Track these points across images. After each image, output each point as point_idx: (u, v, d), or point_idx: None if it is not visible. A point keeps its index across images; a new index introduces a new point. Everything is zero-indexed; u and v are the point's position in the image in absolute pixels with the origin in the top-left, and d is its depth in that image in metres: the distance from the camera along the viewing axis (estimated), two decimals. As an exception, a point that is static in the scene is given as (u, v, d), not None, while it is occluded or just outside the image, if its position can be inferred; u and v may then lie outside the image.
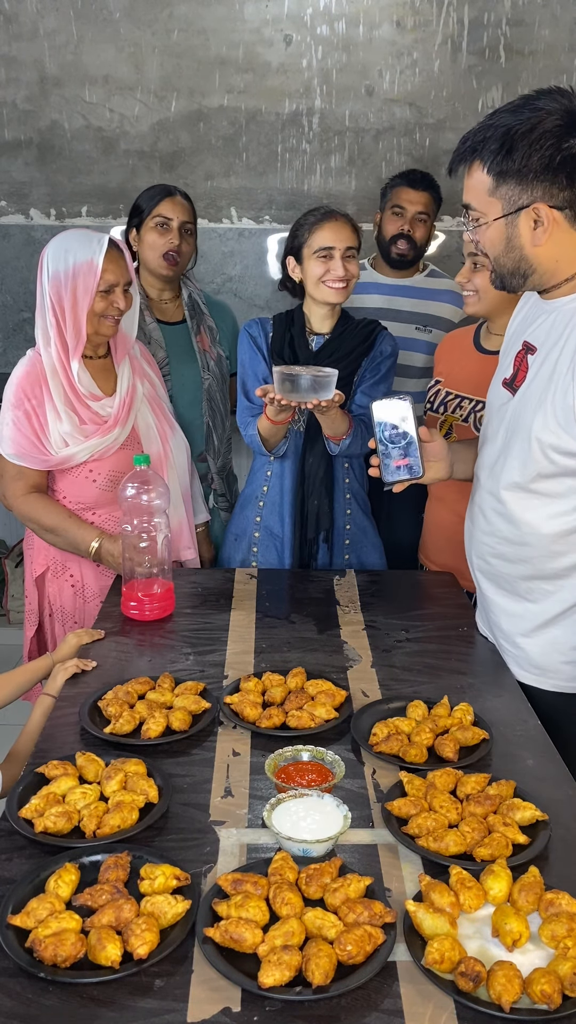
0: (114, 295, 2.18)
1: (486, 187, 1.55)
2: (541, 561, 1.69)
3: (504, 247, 1.59)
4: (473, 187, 1.57)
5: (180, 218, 2.58)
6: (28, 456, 2.21)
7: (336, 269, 2.25)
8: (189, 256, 2.66)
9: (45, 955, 1.07)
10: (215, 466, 2.73)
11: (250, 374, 2.40)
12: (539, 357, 1.66)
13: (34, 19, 3.79)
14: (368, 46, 3.79)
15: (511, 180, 1.52)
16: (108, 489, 2.27)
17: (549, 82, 3.75)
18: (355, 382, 2.36)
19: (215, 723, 1.63)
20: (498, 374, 1.84)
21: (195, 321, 2.69)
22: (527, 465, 1.64)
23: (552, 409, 1.59)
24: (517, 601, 1.77)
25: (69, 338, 2.18)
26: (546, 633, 1.73)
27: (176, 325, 2.69)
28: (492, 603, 1.85)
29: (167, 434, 2.41)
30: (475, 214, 1.59)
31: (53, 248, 2.18)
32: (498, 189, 1.54)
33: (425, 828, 1.31)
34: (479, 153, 1.54)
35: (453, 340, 2.50)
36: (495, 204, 1.55)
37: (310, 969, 1.05)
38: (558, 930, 1.11)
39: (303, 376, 2.02)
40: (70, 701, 1.69)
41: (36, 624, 2.40)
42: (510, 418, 1.72)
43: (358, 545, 2.48)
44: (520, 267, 1.60)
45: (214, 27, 3.78)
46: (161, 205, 2.58)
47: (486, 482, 1.79)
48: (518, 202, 1.53)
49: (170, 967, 1.09)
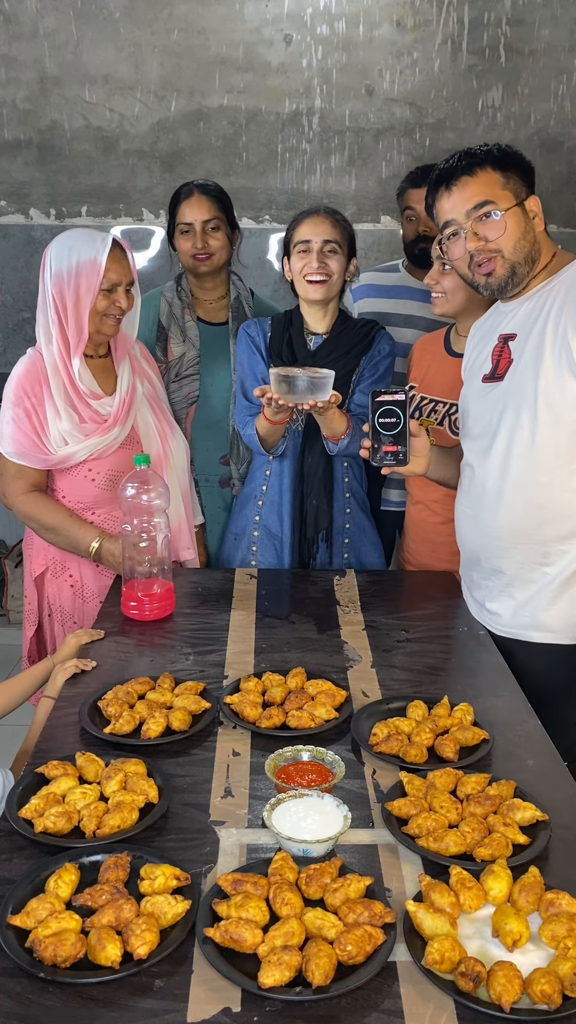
0: (116, 294, 2.18)
1: (498, 182, 1.77)
2: (556, 522, 1.79)
3: (522, 231, 1.78)
4: (486, 184, 1.77)
5: (201, 218, 2.55)
6: (28, 455, 2.21)
7: (312, 261, 2.25)
8: (223, 249, 2.61)
9: (45, 955, 1.07)
10: (237, 471, 2.70)
11: (248, 374, 2.40)
12: (520, 340, 1.82)
13: (34, 19, 3.79)
14: (368, 46, 3.79)
15: (515, 174, 1.78)
16: (107, 488, 2.27)
17: (549, 82, 3.78)
18: (353, 381, 2.36)
19: (215, 723, 1.63)
20: (472, 373, 1.96)
21: (236, 323, 2.67)
22: (537, 432, 1.76)
23: (553, 366, 1.73)
24: (533, 569, 1.84)
25: (71, 336, 2.18)
26: (566, 591, 1.82)
27: (218, 326, 2.68)
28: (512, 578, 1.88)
29: (167, 434, 2.41)
30: (491, 207, 1.76)
31: (56, 246, 2.19)
32: (508, 183, 1.77)
33: (425, 828, 1.31)
34: (483, 159, 1.77)
35: (425, 345, 2.53)
36: (507, 196, 1.77)
37: (310, 969, 1.05)
38: (558, 930, 1.11)
39: (299, 377, 2.03)
40: (70, 701, 1.69)
41: (36, 624, 2.40)
42: (506, 401, 1.82)
43: (357, 544, 2.48)
44: (532, 252, 1.79)
45: (214, 27, 3.78)
46: (181, 210, 2.57)
47: (488, 463, 1.86)
48: (521, 195, 1.78)
49: (170, 967, 1.09)
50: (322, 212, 2.30)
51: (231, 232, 2.64)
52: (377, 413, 1.87)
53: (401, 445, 1.88)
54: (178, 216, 2.58)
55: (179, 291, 2.66)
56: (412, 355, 2.58)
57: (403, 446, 1.88)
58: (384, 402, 1.87)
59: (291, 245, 2.31)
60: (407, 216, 2.91)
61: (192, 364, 2.60)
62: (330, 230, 2.27)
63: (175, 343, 2.61)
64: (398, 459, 1.89)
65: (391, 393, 1.87)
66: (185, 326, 2.60)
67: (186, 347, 2.60)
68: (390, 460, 1.89)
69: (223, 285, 2.70)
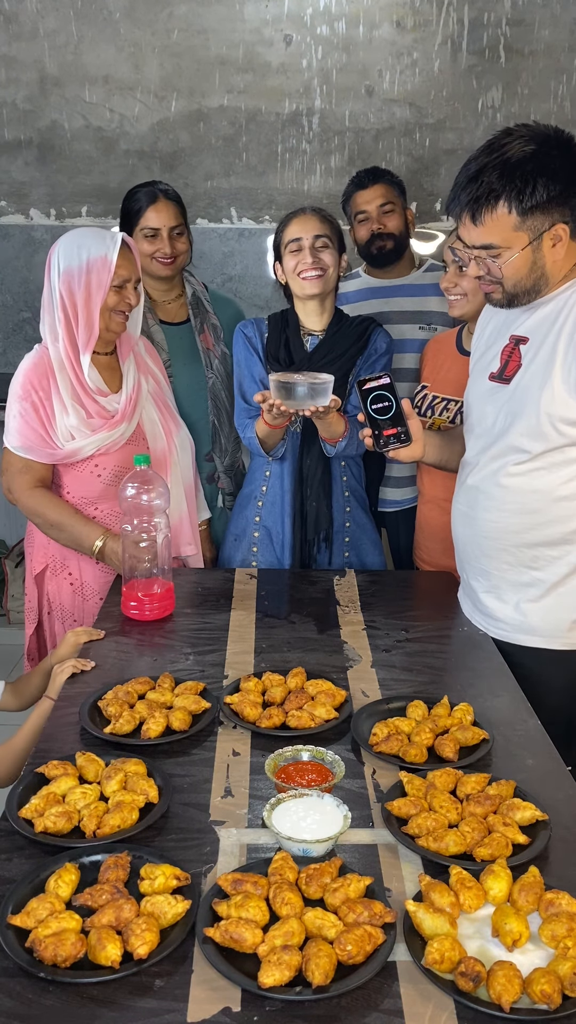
0: (126, 291, 2.20)
1: (511, 224, 1.64)
2: (547, 527, 1.79)
3: (528, 269, 1.70)
4: (496, 226, 1.65)
5: (167, 224, 2.56)
6: (35, 449, 2.22)
7: (306, 257, 2.26)
8: (185, 253, 2.64)
9: (45, 955, 1.07)
10: (222, 465, 2.72)
11: (247, 375, 2.40)
12: (532, 346, 1.78)
13: (34, 19, 3.79)
14: (368, 46, 3.79)
15: (537, 212, 1.63)
16: (112, 484, 2.28)
17: (549, 82, 3.78)
18: (351, 381, 2.36)
19: (215, 723, 1.63)
20: (479, 370, 1.94)
21: (198, 320, 2.68)
22: (536, 439, 1.75)
23: (561, 383, 1.71)
24: (522, 572, 1.84)
25: (81, 333, 2.19)
26: (552, 596, 1.82)
27: (180, 325, 2.69)
28: (500, 579, 1.89)
29: (172, 430, 2.42)
30: (497, 251, 1.67)
31: (65, 245, 2.19)
32: (525, 223, 1.64)
33: (425, 828, 1.31)
34: (500, 196, 1.62)
35: (437, 345, 2.55)
36: (521, 236, 1.65)
37: (310, 969, 1.05)
38: (558, 930, 1.11)
39: (300, 384, 2.04)
40: (70, 701, 1.69)
41: (36, 622, 2.40)
42: (509, 403, 1.81)
43: (358, 544, 2.48)
44: (538, 284, 1.73)
45: (214, 27, 3.78)
46: (146, 215, 2.56)
47: (486, 464, 1.86)
48: (541, 228, 1.65)
49: (170, 967, 1.09)
50: (308, 211, 2.32)
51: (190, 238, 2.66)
52: (368, 400, 1.91)
53: (400, 425, 1.93)
54: (142, 220, 2.57)
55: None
56: (424, 354, 2.59)
57: (402, 426, 1.93)
58: (372, 389, 1.91)
59: (282, 247, 2.32)
60: (359, 219, 2.88)
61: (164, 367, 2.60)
62: (319, 226, 2.28)
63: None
64: (401, 439, 1.93)
65: (376, 379, 1.91)
66: (151, 330, 2.61)
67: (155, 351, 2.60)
68: (394, 442, 1.93)
69: (179, 285, 2.71)
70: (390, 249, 2.86)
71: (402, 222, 2.87)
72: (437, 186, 3.90)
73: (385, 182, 2.87)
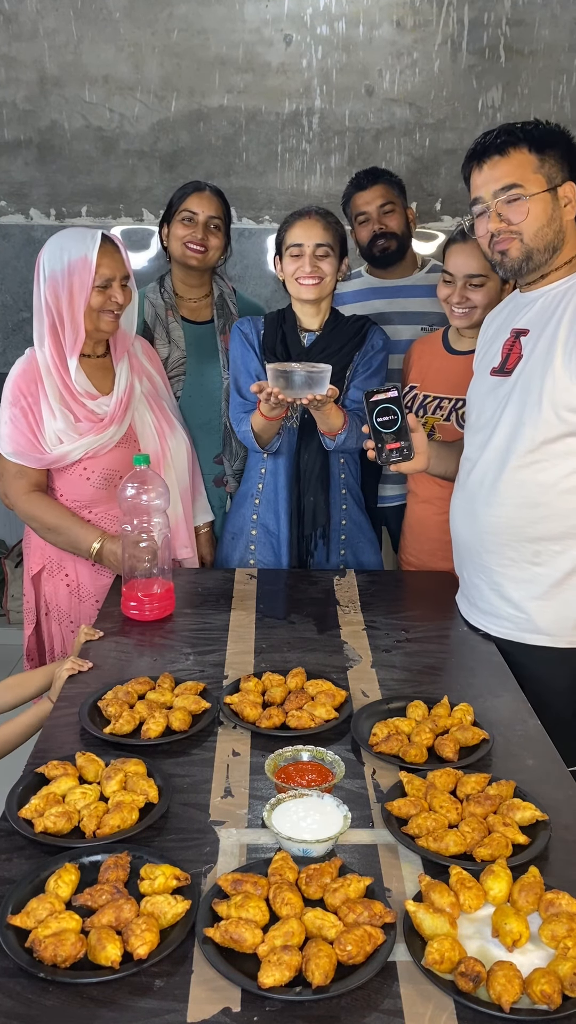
0: (112, 289, 2.18)
1: (532, 165, 1.73)
2: (550, 521, 1.79)
3: (548, 218, 1.75)
4: (518, 166, 1.74)
5: (207, 212, 2.56)
6: (25, 454, 2.22)
7: (305, 266, 2.26)
8: (218, 250, 2.62)
9: (45, 955, 1.07)
10: (231, 468, 2.71)
11: (243, 370, 2.40)
12: (532, 336, 1.82)
13: (34, 19, 3.79)
14: (368, 46, 3.79)
15: (553, 158, 1.74)
16: (102, 487, 2.27)
17: (549, 82, 3.78)
18: (348, 377, 2.36)
19: (215, 723, 1.63)
20: (482, 366, 1.96)
21: (222, 320, 2.67)
22: (539, 430, 1.76)
23: (563, 368, 1.72)
24: (524, 568, 1.84)
25: (67, 336, 2.18)
26: (557, 593, 1.81)
27: (204, 324, 2.68)
28: (502, 576, 1.88)
29: (165, 432, 2.41)
30: (519, 191, 1.74)
31: (49, 249, 2.19)
32: (543, 166, 1.74)
33: (425, 828, 1.31)
34: (520, 138, 1.74)
35: (422, 346, 2.57)
36: (539, 180, 1.74)
37: (310, 969, 1.05)
38: (558, 930, 1.11)
39: (297, 372, 2.04)
40: (70, 701, 1.69)
41: (35, 622, 2.40)
42: (511, 396, 1.83)
43: (354, 540, 2.48)
44: (555, 241, 1.77)
45: (214, 27, 3.78)
46: (189, 200, 2.57)
47: (488, 458, 1.86)
48: (556, 180, 1.74)
49: (170, 967, 1.09)
50: (313, 214, 2.30)
51: (227, 240, 2.65)
52: (374, 413, 1.90)
53: (404, 440, 1.92)
54: (184, 204, 2.57)
55: (162, 292, 2.65)
56: (410, 356, 2.59)
57: (406, 441, 1.92)
58: (379, 401, 1.90)
59: (283, 247, 2.32)
60: (359, 220, 2.88)
61: (177, 365, 2.60)
62: (322, 233, 2.27)
63: (160, 344, 2.60)
64: (403, 454, 1.92)
65: (384, 392, 1.90)
66: (169, 327, 2.60)
67: (171, 348, 2.60)
68: (396, 457, 1.93)
69: (208, 283, 2.70)
70: (393, 249, 2.86)
71: (403, 221, 2.88)
72: (437, 186, 3.90)
73: (384, 182, 2.87)
